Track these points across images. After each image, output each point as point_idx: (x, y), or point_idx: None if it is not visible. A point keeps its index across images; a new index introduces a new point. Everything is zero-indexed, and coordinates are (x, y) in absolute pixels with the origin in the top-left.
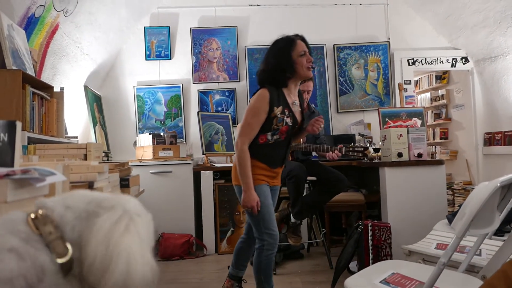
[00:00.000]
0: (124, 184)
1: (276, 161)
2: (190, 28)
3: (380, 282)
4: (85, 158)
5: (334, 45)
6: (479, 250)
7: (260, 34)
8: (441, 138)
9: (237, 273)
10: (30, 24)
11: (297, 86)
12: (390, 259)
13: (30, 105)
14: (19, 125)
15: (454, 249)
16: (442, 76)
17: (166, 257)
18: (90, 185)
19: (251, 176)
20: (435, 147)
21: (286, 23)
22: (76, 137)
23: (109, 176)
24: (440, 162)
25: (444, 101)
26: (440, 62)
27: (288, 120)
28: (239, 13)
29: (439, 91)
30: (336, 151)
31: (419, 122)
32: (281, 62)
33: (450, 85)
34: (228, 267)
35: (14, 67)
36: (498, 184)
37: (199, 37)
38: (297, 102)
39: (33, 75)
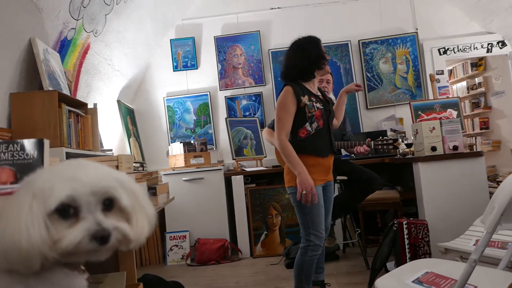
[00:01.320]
0: (152, 192)
1: (324, 149)
2: (214, 36)
3: (413, 281)
4: (117, 169)
5: (359, 40)
6: None
7: (283, 37)
8: (481, 128)
9: (317, 278)
10: (63, 46)
11: (316, 81)
12: (430, 257)
13: (66, 123)
14: (46, 142)
15: (485, 245)
16: (478, 63)
17: (202, 262)
18: None
19: (300, 160)
20: (475, 138)
21: (308, 23)
22: (111, 150)
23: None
24: (478, 154)
25: (482, 89)
26: (474, 49)
27: (318, 104)
28: (260, 18)
29: (476, 79)
30: (364, 145)
31: (454, 113)
32: (315, 56)
33: (487, 72)
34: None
35: (50, 88)
36: None
37: (223, 44)
38: (320, 94)
39: (68, 94)
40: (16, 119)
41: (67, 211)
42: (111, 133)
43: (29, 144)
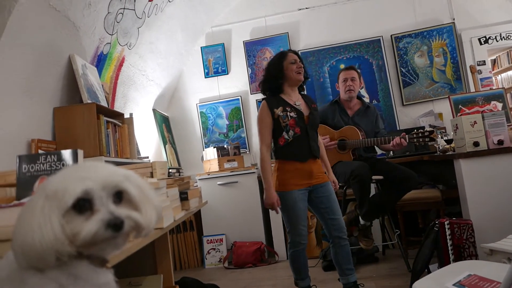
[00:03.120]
0: (183, 197)
1: (303, 154)
2: (243, 41)
3: (454, 285)
4: (152, 176)
5: (391, 35)
6: None
7: (312, 37)
8: None
9: (347, 279)
10: (100, 61)
11: (295, 90)
12: (476, 259)
13: (105, 133)
14: (80, 152)
15: None
16: None
17: (239, 265)
18: None
19: (270, 177)
20: None
21: (337, 21)
22: (147, 157)
23: (168, 191)
24: None
25: None
26: None
27: (292, 114)
28: (289, 19)
29: None
30: (401, 138)
31: (499, 105)
32: (273, 70)
33: None
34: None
35: (89, 101)
36: None
37: (252, 48)
38: (300, 102)
39: (106, 106)
40: (60, 132)
41: (82, 206)
42: (148, 141)
43: (65, 154)
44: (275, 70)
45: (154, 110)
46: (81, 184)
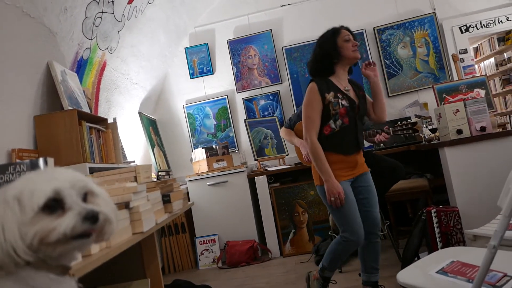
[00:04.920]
0: (166, 200)
1: (349, 146)
2: (227, 40)
3: (437, 272)
4: (136, 180)
5: (374, 28)
6: None
7: (296, 33)
8: None
9: (369, 278)
10: (80, 66)
11: (345, 71)
12: (464, 245)
13: (88, 139)
14: (51, 160)
15: (504, 229)
16: (505, 37)
17: (233, 264)
18: (126, 206)
19: (328, 166)
20: (510, 116)
21: (320, 16)
22: (134, 161)
23: (148, 195)
24: (509, 133)
25: None
26: (499, 22)
27: (344, 102)
28: (271, 16)
29: (505, 54)
30: (383, 133)
31: (482, 92)
32: (327, 48)
33: None
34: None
35: (70, 108)
36: None
37: (237, 47)
38: (349, 88)
39: (88, 111)
40: (41, 140)
41: (52, 206)
42: (135, 144)
43: (34, 163)
44: (329, 48)
45: (140, 113)
46: (50, 184)
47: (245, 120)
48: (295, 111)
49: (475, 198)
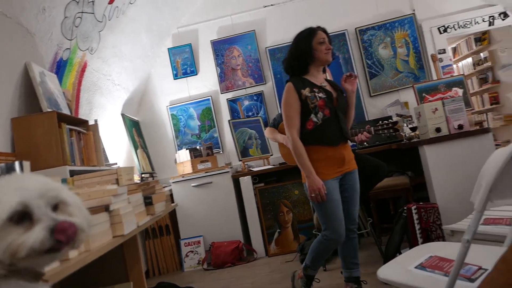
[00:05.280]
0: (148, 202)
1: (334, 137)
2: (210, 41)
3: (415, 267)
4: (117, 183)
5: (356, 28)
6: None
7: (279, 33)
8: (491, 104)
9: (351, 274)
10: (60, 67)
11: (320, 71)
12: (443, 240)
13: (68, 141)
14: (26, 164)
15: (477, 224)
16: (481, 38)
17: (218, 265)
18: (106, 208)
19: (309, 162)
20: (486, 114)
21: (303, 17)
22: (116, 163)
23: (129, 197)
24: (486, 131)
25: (489, 64)
26: (475, 23)
27: (321, 94)
28: (255, 17)
29: (481, 54)
30: (364, 133)
31: (460, 91)
32: (302, 49)
33: (492, 46)
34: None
35: (49, 110)
36: None
37: (220, 47)
38: (326, 84)
39: (68, 113)
40: (19, 143)
41: (20, 218)
42: (118, 146)
43: (10, 167)
44: (303, 48)
45: (123, 115)
46: (16, 195)
47: (229, 120)
48: (279, 111)
49: (454, 194)
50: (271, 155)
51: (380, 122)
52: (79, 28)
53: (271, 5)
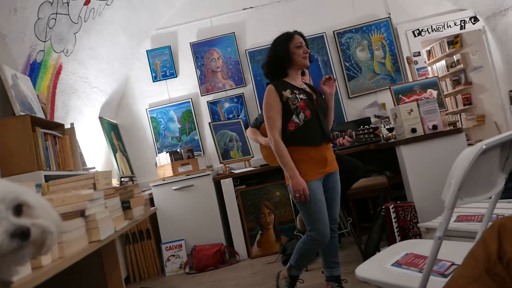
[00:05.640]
0: (126, 206)
1: (316, 137)
2: (190, 43)
3: (392, 265)
4: (94, 187)
5: (334, 31)
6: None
7: (258, 36)
8: (464, 105)
9: (331, 273)
10: (33, 70)
11: (298, 75)
12: (420, 238)
13: (43, 145)
14: None
15: (447, 221)
16: (454, 41)
17: (200, 268)
18: (82, 214)
19: (292, 163)
20: (460, 114)
21: (282, 19)
22: (94, 168)
23: (106, 202)
24: (458, 131)
25: (461, 66)
26: (448, 27)
27: (301, 95)
28: (234, 19)
29: (454, 56)
30: (346, 137)
31: (434, 92)
32: (279, 53)
33: (464, 49)
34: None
35: (22, 113)
36: (484, 147)
37: (200, 50)
38: (305, 86)
39: (43, 117)
40: None
41: None
42: (96, 150)
43: None
44: (281, 53)
45: (100, 118)
46: None
47: (209, 123)
48: (260, 113)
49: (429, 193)
50: (252, 157)
51: (361, 127)
52: (53, 29)
53: (250, 7)
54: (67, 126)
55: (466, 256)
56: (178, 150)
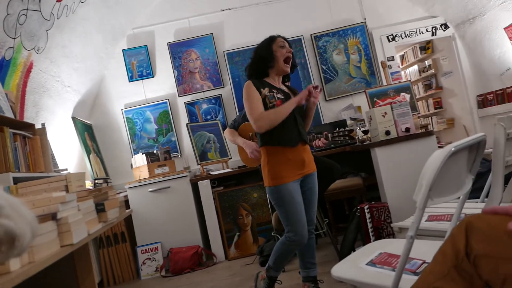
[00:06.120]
0: (100, 209)
1: (292, 138)
2: (167, 43)
3: (366, 264)
4: (67, 189)
5: (311, 34)
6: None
7: (237, 37)
8: (435, 108)
9: (308, 273)
10: (2, 67)
11: (279, 78)
12: (393, 238)
13: (11, 146)
14: None
15: (419, 221)
16: (426, 47)
17: (176, 271)
18: (53, 217)
19: (285, 107)
20: (431, 118)
21: (260, 21)
22: (66, 169)
23: (79, 204)
24: (429, 133)
25: (432, 71)
26: (420, 33)
27: (279, 95)
28: (212, 20)
29: (426, 61)
30: (322, 139)
31: (407, 96)
32: (262, 53)
33: (435, 54)
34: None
35: None
36: (452, 149)
37: (177, 50)
38: (284, 88)
39: (12, 116)
40: None
41: None
42: (68, 152)
43: None
44: (264, 52)
45: (74, 118)
46: None
47: (187, 124)
48: (238, 114)
49: (402, 194)
50: (230, 158)
51: (337, 129)
52: (24, 26)
53: (229, 9)
54: (38, 126)
55: (436, 253)
56: (155, 151)
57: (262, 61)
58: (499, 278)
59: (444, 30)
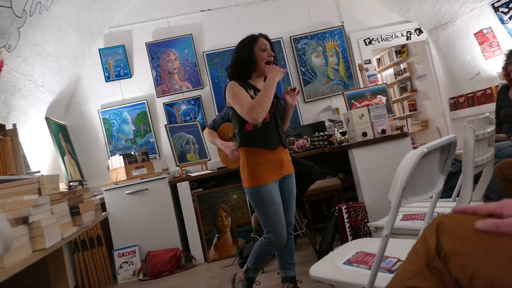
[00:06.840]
0: (74, 212)
1: (272, 140)
2: (145, 43)
3: (344, 263)
4: (39, 192)
5: (290, 37)
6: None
7: (216, 38)
8: (410, 110)
9: (286, 274)
10: None
11: (261, 80)
12: (370, 237)
13: None
14: None
15: (393, 220)
16: (401, 50)
17: (155, 275)
18: (24, 221)
19: (268, 87)
20: (406, 120)
21: (239, 23)
22: (39, 171)
23: (52, 207)
24: (404, 135)
25: (407, 74)
26: (395, 37)
27: None
28: (192, 21)
29: (401, 65)
30: (303, 141)
31: (383, 98)
32: (243, 56)
33: (410, 58)
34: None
35: None
36: (425, 150)
37: (156, 50)
38: None
39: None
40: None
41: None
42: (41, 153)
43: None
44: (245, 56)
45: (47, 118)
46: None
47: (166, 125)
48: (217, 115)
49: (378, 194)
50: (209, 160)
51: (317, 133)
52: None
53: (208, 10)
54: (9, 127)
55: (409, 252)
56: (132, 152)
57: (244, 65)
58: (467, 274)
59: (418, 35)
